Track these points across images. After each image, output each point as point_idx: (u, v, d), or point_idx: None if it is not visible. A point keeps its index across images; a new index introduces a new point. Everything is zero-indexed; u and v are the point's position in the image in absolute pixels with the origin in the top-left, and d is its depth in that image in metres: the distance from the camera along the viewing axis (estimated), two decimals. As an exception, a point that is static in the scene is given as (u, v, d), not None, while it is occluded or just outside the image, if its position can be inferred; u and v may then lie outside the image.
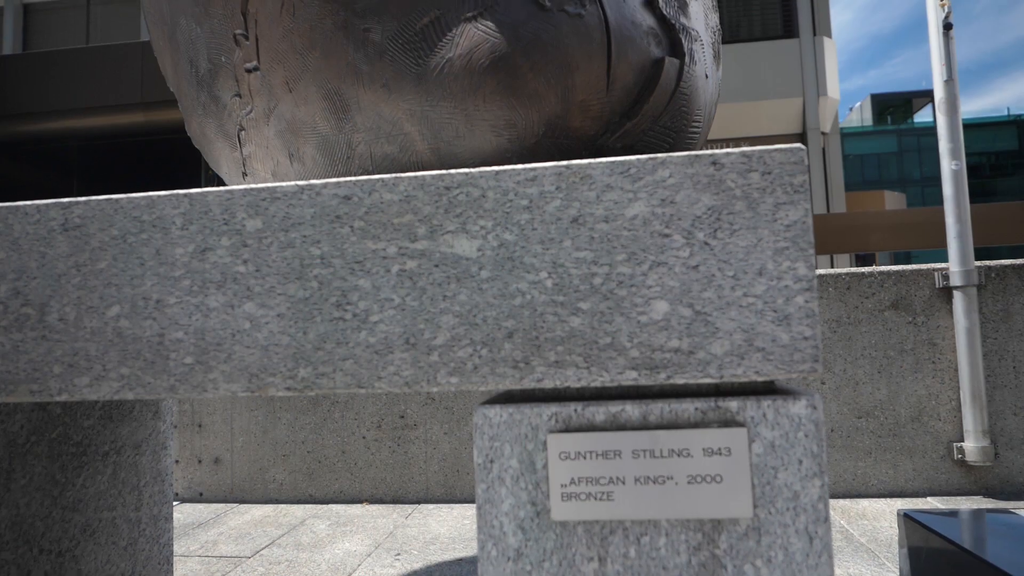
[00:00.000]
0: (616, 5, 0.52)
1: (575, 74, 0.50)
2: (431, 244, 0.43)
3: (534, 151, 0.52)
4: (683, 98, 0.55)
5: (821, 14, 7.63)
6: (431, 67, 0.52)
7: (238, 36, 0.63)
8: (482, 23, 0.51)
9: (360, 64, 0.55)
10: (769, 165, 0.41)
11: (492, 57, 0.50)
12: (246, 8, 0.61)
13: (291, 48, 0.59)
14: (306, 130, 0.61)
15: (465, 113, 0.52)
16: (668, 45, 0.54)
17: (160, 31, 0.75)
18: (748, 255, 0.40)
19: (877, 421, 1.88)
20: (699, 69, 0.56)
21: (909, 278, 1.87)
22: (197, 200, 0.46)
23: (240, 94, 0.65)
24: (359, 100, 0.56)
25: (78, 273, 0.47)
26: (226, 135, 0.70)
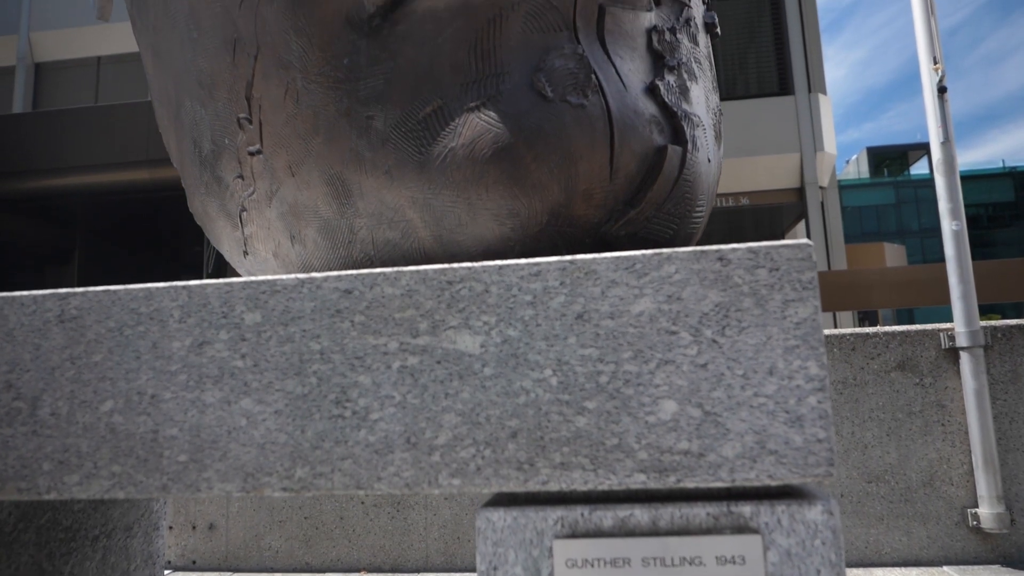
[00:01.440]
0: (618, 94, 0.52)
1: (578, 163, 0.50)
2: (433, 340, 0.42)
3: (537, 239, 0.52)
4: (686, 185, 0.54)
5: (815, 72, 7.78)
6: (434, 156, 0.52)
7: (242, 120, 0.63)
8: (485, 113, 0.51)
9: (363, 150, 0.55)
10: (776, 261, 0.40)
11: (495, 147, 0.50)
12: (250, 93, 0.62)
13: (294, 133, 0.59)
14: (308, 213, 0.61)
15: (468, 202, 0.51)
16: (670, 132, 0.54)
17: (166, 110, 0.76)
18: (758, 353, 0.39)
19: (888, 486, 1.85)
20: (701, 155, 0.56)
21: (915, 339, 1.85)
22: (196, 292, 0.45)
23: (243, 176, 0.65)
24: (361, 186, 0.56)
25: (72, 366, 0.46)
26: (228, 215, 0.70)
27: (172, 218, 5.72)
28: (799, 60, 7.77)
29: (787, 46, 7.89)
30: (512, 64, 0.52)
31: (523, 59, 0.52)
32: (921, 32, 1.90)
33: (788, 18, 8.00)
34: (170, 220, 5.14)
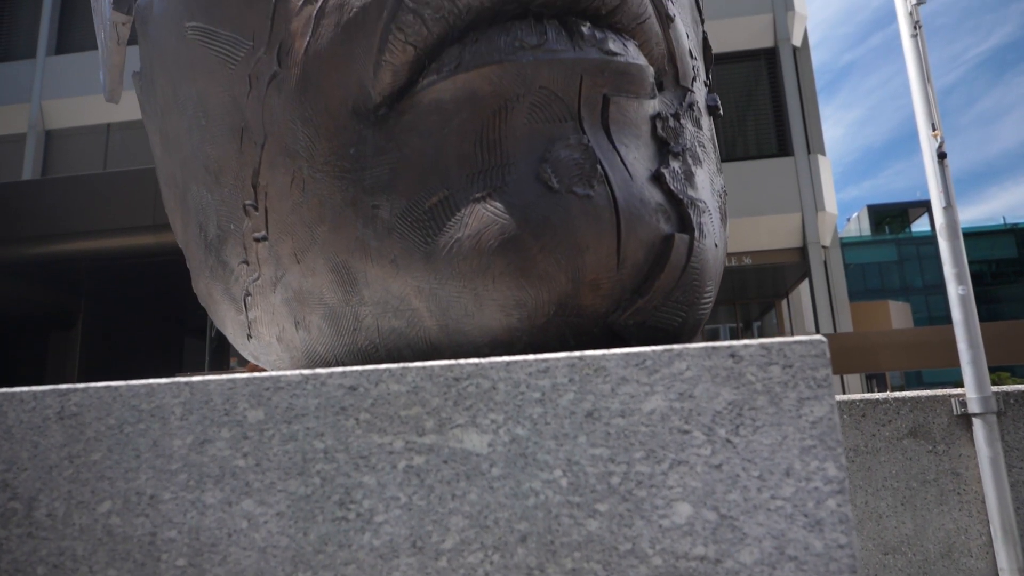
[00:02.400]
0: (624, 184, 0.52)
1: (585, 254, 0.50)
2: (440, 439, 0.41)
3: (545, 330, 0.51)
4: (694, 272, 0.54)
5: (814, 133, 7.91)
6: (440, 246, 0.52)
7: (247, 206, 0.63)
8: (491, 204, 0.51)
9: (369, 240, 0.55)
10: (790, 358, 0.39)
11: (501, 239, 0.50)
12: (256, 180, 0.62)
13: (300, 221, 0.59)
14: (313, 300, 0.60)
15: (474, 292, 0.51)
16: (677, 220, 0.54)
17: (172, 192, 0.76)
18: (773, 454, 0.38)
19: (905, 558, 1.79)
20: (708, 240, 0.56)
21: (926, 405, 1.83)
22: (198, 389, 0.45)
23: (247, 261, 0.65)
24: (367, 274, 0.56)
25: (71, 465, 0.45)
26: (232, 298, 0.69)
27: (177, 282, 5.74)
28: (797, 122, 7.91)
29: (785, 108, 8.04)
30: (518, 155, 0.52)
31: (529, 150, 0.52)
32: (918, 99, 1.93)
33: (785, 81, 8.18)
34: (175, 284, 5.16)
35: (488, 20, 0.54)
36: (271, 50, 0.60)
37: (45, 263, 6.39)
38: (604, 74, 0.53)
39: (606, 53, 0.54)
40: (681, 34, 0.63)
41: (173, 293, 6.79)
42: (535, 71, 0.52)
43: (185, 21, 0.66)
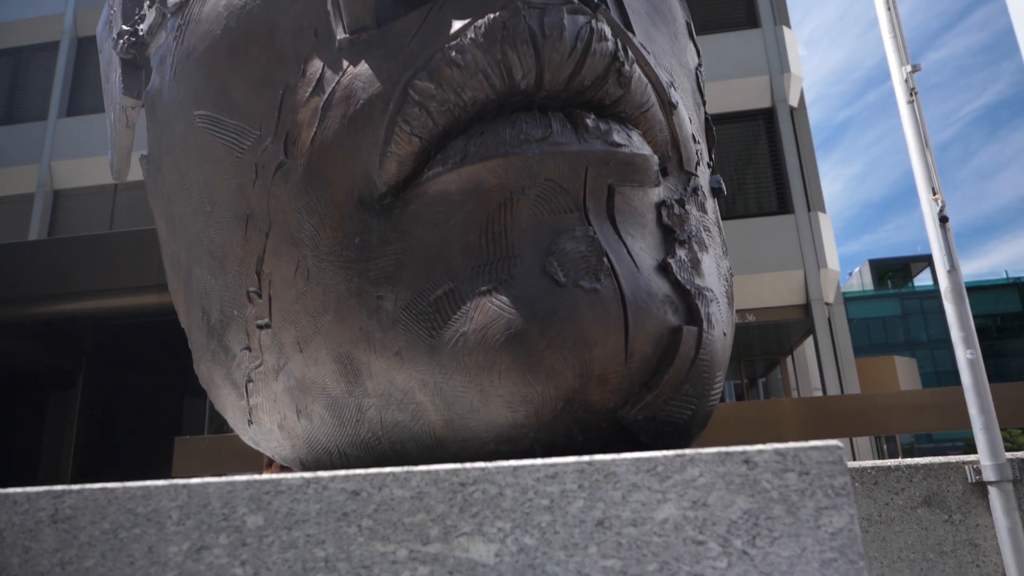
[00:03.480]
0: (631, 276, 0.52)
1: (592, 349, 0.49)
2: (445, 547, 0.40)
3: (552, 426, 0.50)
4: (703, 365, 0.53)
5: (813, 191, 7.99)
6: (445, 339, 0.51)
7: (251, 293, 0.63)
8: (497, 298, 0.50)
9: (373, 331, 0.54)
10: (806, 465, 0.38)
11: (507, 334, 0.49)
12: (260, 268, 0.62)
13: (304, 310, 0.59)
14: (315, 390, 0.59)
15: (480, 388, 0.50)
16: (685, 311, 0.53)
17: (175, 274, 0.76)
18: (792, 567, 0.37)
19: (924, 633, 1.73)
20: (717, 331, 0.55)
21: (939, 472, 1.79)
22: (196, 492, 0.43)
23: (250, 347, 0.64)
24: (371, 366, 0.55)
25: (63, 572, 0.44)
26: (234, 384, 0.68)
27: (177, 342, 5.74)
28: (797, 180, 7.99)
29: (784, 167, 8.13)
30: (523, 247, 0.52)
31: (534, 242, 0.52)
32: (918, 164, 1.95)
33: (784, 140, 8.29)
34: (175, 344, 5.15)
35: (493, 112, 0.54)
36: (278, 140, 0.60)
37: (48, 323, 6.39)
38: (609, 165, 0.54)
39: (611, 144, 0.54)
40: (684, 120, 0.63)
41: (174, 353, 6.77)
42: (540, 163, 0.52)
43: (193, 109, 0.67)
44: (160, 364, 7.31)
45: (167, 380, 7.75)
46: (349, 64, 0.59)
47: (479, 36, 0.54)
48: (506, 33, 0.53)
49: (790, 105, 8.38)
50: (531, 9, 0.54)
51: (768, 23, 8.61)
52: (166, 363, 6.99)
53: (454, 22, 0.55)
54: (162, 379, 7.79)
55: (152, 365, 7.57)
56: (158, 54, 0.73)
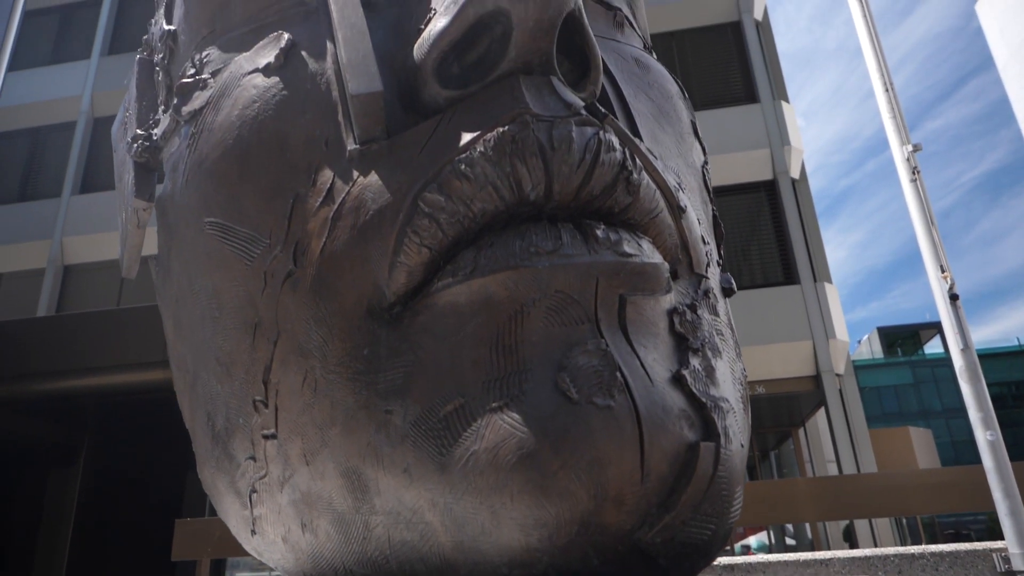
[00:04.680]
0: (645, 390, 0.50)
1: (607, 469, 0.47)
2: None
3: (567, 550, 0.48)
4: (722, 482, 0.51)
5: (819, 262, 8.02)
6: (455, 457, 0.50)
7: (257, 402, 0.62)
8: (508, 415, 0.49)
9: (381, 446, 0.53)
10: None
11: (520, 454, 0.48)
12: (267, 377, 0.61)
13: (311, 422, 0.57)
14: (321, 504, 0.58)
15: (491, 510, 0.48)
16: (701, 426, 0.52)
17: (182, 376, 0.75)
18: None
19: None
20: (735, 444, 0.54)
21: (966, 560, 1.72)
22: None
23: (255, 457, 0.63)
24: (379, 483, 0.53)
25: None
26: (237, 493, 0.67)
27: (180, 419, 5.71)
28: (801, 252, 8.04)
29: (788, 238, 8.20)
30: (535, 361, 0.51)
31: (546, 355, 0.51)
32: (924, 241, 1.96)
33: (787, 211, 8.38)
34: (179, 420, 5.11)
35: (503, 222, 0.54)
36: (287, 249, 0.60)
37: (52, 399, 6.36)
38: (620, 275, 0.53)
39: (621, 255, 0.54)
40: (693, 222, 0.63)
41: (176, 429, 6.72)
42: (551, 276, 0.52)
43: (204, 216, 0.67)
44: (162, 441, 7.25)
45: (168, 457, 7.66)
46: (359, 175, 0.59)
47: (488, 149, 0.54)
48: (515, 146, 0.54)
49: (792, 177, 8.50)
50: (540, 122, 0.55)
51: (767, 98, 8.83)
52: (168, 440, 6.92)
53: (463, 134, 0.55)
54: (164, 456, 7.70)
55: (154, 442, 7.50)
56: (171, 160, 0.74)
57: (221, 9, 0.73)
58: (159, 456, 7.77)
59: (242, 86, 0.66)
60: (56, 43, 12.67)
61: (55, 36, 12.73)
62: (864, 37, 2.71)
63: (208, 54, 0.73)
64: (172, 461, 7.81)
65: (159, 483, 7.98)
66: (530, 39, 0.55)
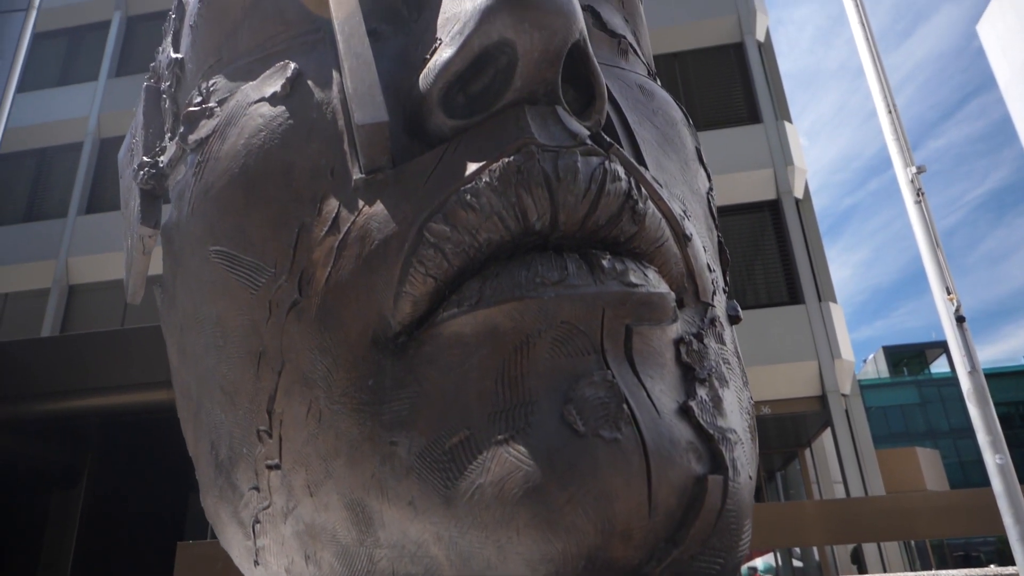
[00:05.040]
0: (652, 422, 0.50)
1: (614, 503, 0.47)
2: None
3: None
4: (731, 515, 0.50)
5: (823, 282, 8.01)
6: (460, 491, 0.49)
7: (261, 432, 0.61)
8: (514, 448, 0.48)
9: (386, 478, 0.52)
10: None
11: (526, 488, 0.47)
12: (272, 407, 0.61)
13: (315, 453, 0.57)
14: (325, 536, 0.57)
15: (497, 544, 0.48)
16: (709, 458, 0.51)
17: (186, 404, 0.75)
18: None
19: None
20: (743, 476, 0.53)
21: (975, 586, 1.70)
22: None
23: (258, 488, 0.62)
24: (383, 515, 0.53)
25: None
26: (240, 523, 0.66)
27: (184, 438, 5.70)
28: (806, 271, 8.03)
29: (793, 258, 8.19)
30: (540, 393, 0.50)
31: (552, 387, 0.50)
32: (929, 263, 1.95)
33: (791, 231, 8.38)
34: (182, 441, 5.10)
35: (508, 252, 0.54)
36: (292, 278, 0.60)
37: (55, 420, 6.36)
38: (626, 306, 0.53)
39: (627, 285, 0.53)
40: (699, 250, 0.63)
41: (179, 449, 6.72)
42: (557, 306, 0.51)
43: (209, 244, 0.67)
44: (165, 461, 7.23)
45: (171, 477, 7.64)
46: (365, 204, 0.59)
47: (494, 179, 0.54)
48: (521, 176, 0.54)
49: (795, 197, 8.51)
50: (545, 152, 0.55)
51: (769, 119, 8.86)
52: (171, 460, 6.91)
53: (469, 164, 0.55)
54: (166, 476, 7.68)
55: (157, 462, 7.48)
56: (177, 188, 0.75)
57: (228, 38, 0.74)
58: (161, 477, 7.75)
59: (248, 115, 0.67)
60: (64, 64, 12.81)
61: (63, 58, 12.86)
62: (866, 59, 2.72)
63: (215, 83, 0.73)
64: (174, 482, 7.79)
65: (161, 504, 7.95)
66: (535, 70, 0.56)
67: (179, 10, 0.84)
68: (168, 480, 7.72)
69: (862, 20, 3.03)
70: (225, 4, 0.76)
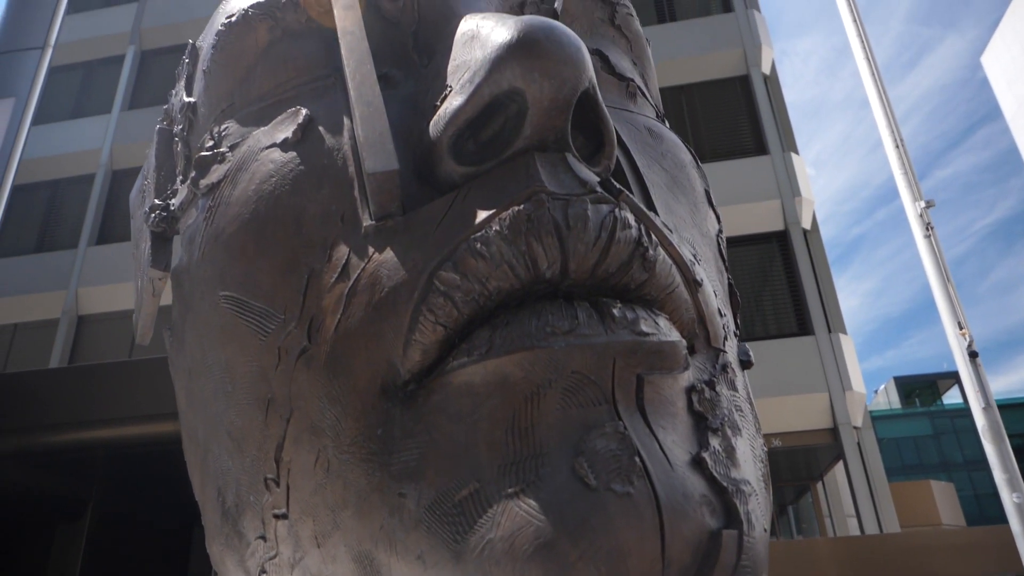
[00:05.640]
0: (664, 475, 0.49)
1: (627, 559, 0.46)
2: None
3: None
4: (746, 570, 0.49)
5: (833, 313, 7.97)
6: (470, 545, 0.48)
7: (269, 481, 0.61)
8: (525, 502, 0.48)
9: (394, 531, 0.51)
10: None
11: (537, 543, 0.46)
12: (280, 455, 0.60)
13: (323, 503, 0.56)
14: (333, 589, 0.56)
15: (509, 609, 0.47)
16: (723, 511, 0.50)
17: (193, 448, 0.75)
18: None
19: None
20: (758, 530, 0.52)
21: (994, 629, 1.66)
22: None
23: (265, 537, 0.61)
24: (391, 569, 0.52)
25: None
26: (246, 572, 0.65)
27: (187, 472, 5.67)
28: (815, 302, 7.99)
29: (801, 288, 8.16)
30: (551, 444, 0.50)
31: (563, 438, 0.50)
32: (940, 297, 1.94)
33: (799, 262, 8.37)
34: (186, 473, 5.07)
35: (518, 300, 0.54)
36: (302, 325, 0.60)
37: (61, 451, 6.34)
38: (637, 355, 0.52)
39: (638, 334, 0.53)
40: (710, 295, 0.63)
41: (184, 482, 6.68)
42: (567, 356, 0.51)
43: (219, 290, 0.67)
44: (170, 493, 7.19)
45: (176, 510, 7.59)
46: (375, 251, 0.59)
47: (504, 228, 0.54)
48: (531, 225, 0.53)
49: (803, 228, 8.52)
50: (555, 200, 0.55)
51: (776, 150, 8.90)
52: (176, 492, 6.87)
53: (479, 212, 0.55)
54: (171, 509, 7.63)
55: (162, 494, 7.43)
56: (188, 232, 0.75)
57: (240, 83, 0.75)
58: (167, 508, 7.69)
59: (260, 161, 0.67)
60: (79, 98, 13.01)
61: (78, 91, 13.07)
62: (872, 93, 2.74)
63: (227, 127, 0.74)
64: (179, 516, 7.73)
65: (166, 539, 7.88)
66: (545, 118, 0.56)
67: (192, 55, 0.85)
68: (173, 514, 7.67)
69: (867, 55, 3.05)
70: (238, 50, 0.77)
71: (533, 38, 0.54)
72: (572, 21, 0.71)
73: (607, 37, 0.77)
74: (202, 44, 0.83)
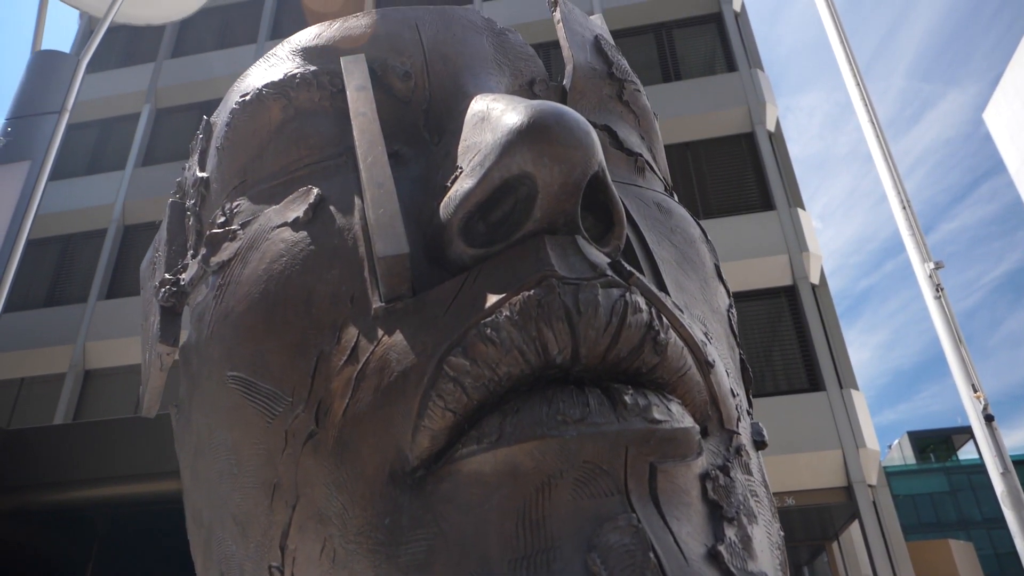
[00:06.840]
0: (679, 570, 0.48)
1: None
2: None
3: None
4: (763, 669, 0.47)
5: (844, 368, 7.89)
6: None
7: (273, 569, 0.59)
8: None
9: (402, 631, 0.50)
10: None
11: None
12: (284, 543, 0.59)
13: (329, 593, 0.55)
14: None
15: None
16: (740, 607, 0.48)
17: (196, 529, 0.73)
18: None
19: None
20: (776, 625, 0.50)
21: None
22: None
23: (271, 625, 0.60)
24: (399, 669, 0.50)
25: None
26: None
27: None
28: (825, 357, 7.93)
29: (811, 343, 8.11)
30: (563, 536, 0.48)
31: (575, 531, 0.49)
32: (953, 360, 1.92)
33: (808, 317, 8.33)
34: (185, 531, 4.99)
35: (528, 385, 0.53)
36: (309, 408, 0.59)
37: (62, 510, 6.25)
38: (650, 443, 0.51)
39: (651, 421, 0.52)
40: (722, 375, 0.62)
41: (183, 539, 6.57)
42: (579, 446, 0.50)
43: (227, 369, 0.67)
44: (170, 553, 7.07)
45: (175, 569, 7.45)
46: (384, 334, 0.59)
47: (514, 313, 0.54)
48: (541, 311, 0.53)
49: (811, 282, 8.51)
50: (566, 285, 0.54)
51: (783, 206, 8.96)
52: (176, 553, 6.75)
53: (489, 296, 0.55)
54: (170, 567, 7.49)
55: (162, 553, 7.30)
56: (197, 309, 0.75)
57: (253, 161, 0.76)
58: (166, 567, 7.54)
59: (270, 239, 0.68)
60: (94, 154, 13.26)
61: (93, 148, 13.32)
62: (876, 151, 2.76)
63: (238, 204, 0.74)
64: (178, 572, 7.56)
65: (169, 600, 7.72)
66: (555, 202, 0.56)
67: (207, 130, 0.87)
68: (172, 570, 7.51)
69: (869, 115, 3.09)
70: (252, 128, 0.78)
71: (544, 123, 0.55)
72: (581, 97, 0.72)
73: (615, 112, 0.77)
74: (216, 120, 0.84)
